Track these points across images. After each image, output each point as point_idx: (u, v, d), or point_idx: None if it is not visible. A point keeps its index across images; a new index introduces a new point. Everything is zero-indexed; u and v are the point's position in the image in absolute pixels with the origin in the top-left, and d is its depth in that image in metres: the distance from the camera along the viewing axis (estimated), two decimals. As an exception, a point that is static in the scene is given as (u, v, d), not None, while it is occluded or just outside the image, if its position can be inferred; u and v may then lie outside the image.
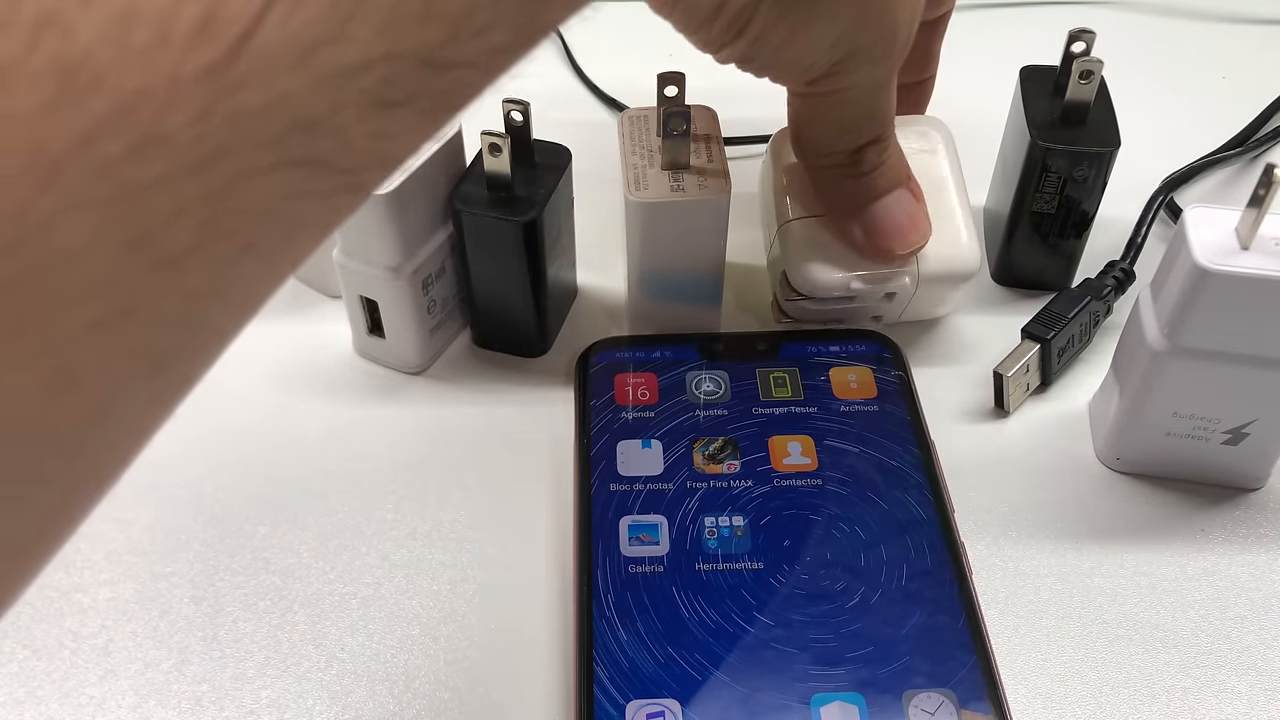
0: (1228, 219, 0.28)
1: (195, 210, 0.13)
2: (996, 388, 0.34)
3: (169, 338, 0.14)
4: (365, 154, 0.14)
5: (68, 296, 0.12)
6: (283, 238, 0.14)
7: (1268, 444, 0.31)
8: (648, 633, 0.27)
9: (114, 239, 0.12)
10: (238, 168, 0.13)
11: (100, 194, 0.12)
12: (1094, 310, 0.36)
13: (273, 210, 0.14)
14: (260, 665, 0.29)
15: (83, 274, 0.12)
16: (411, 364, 0.36)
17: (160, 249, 0.13)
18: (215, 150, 0.13)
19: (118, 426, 0.14)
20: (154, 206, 0.13)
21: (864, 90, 0.30)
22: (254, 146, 0.13)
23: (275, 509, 0.32)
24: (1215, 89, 0.49)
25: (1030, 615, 0.29)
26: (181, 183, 0.13)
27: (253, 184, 0.13)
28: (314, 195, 0.14)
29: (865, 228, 0.33)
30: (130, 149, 0.12)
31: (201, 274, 0.13)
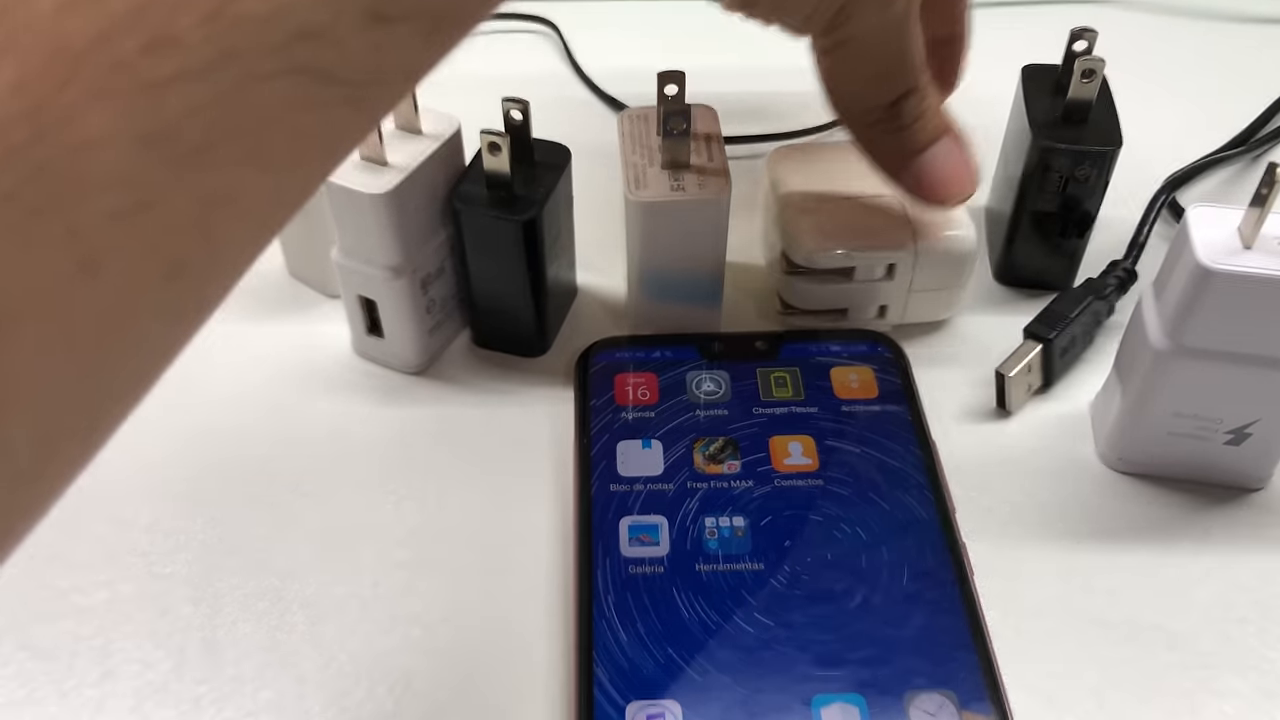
0: (1230, 218, 0.28)
1: (205, 111, 0.13)
2: (998, 388, 0.34)
3: (183, 241, 0.14)
4: (364, 67, 0.15)
5: (87, 185, 0.13)
6: (288, 149, 0.15)
7: (1270, 444, 0.31)
8: (648, 633, 0.27)
9: (130, 133, 0.13)
10: (244, 71, 0.14)
11: (116, 89, 0.13)
12: (1096, 310, 0.36)
13: (280, 118, 0.14)
14: (259, 666, 0.28)
15: (101, 164, 0.13)
16: (411, 364, 0.36)
17: (173, 146, 0.13)
18: (222, 53, 0.13)
19: (136, 331, 0.15)
20: (167, 104, 0.13)
21: (881, 34, 0.29)
22: (259, 51, 0.14)
23: (274, 509, 0.32)
24: (1216, 88, 0.49)
25: (1031, 616, 0.29)
26: (191, 83, 0.13)
27: (258, 89, 0.14)
28: (316, 105, 0.15)
29: (914, 181, 0.32)
30: (143, 47, 0.13)
31: (212, 176, 0.14)
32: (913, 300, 0.36)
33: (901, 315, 0.36)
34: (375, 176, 0.32)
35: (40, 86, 0.12)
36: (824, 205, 0.35)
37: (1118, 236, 0.39)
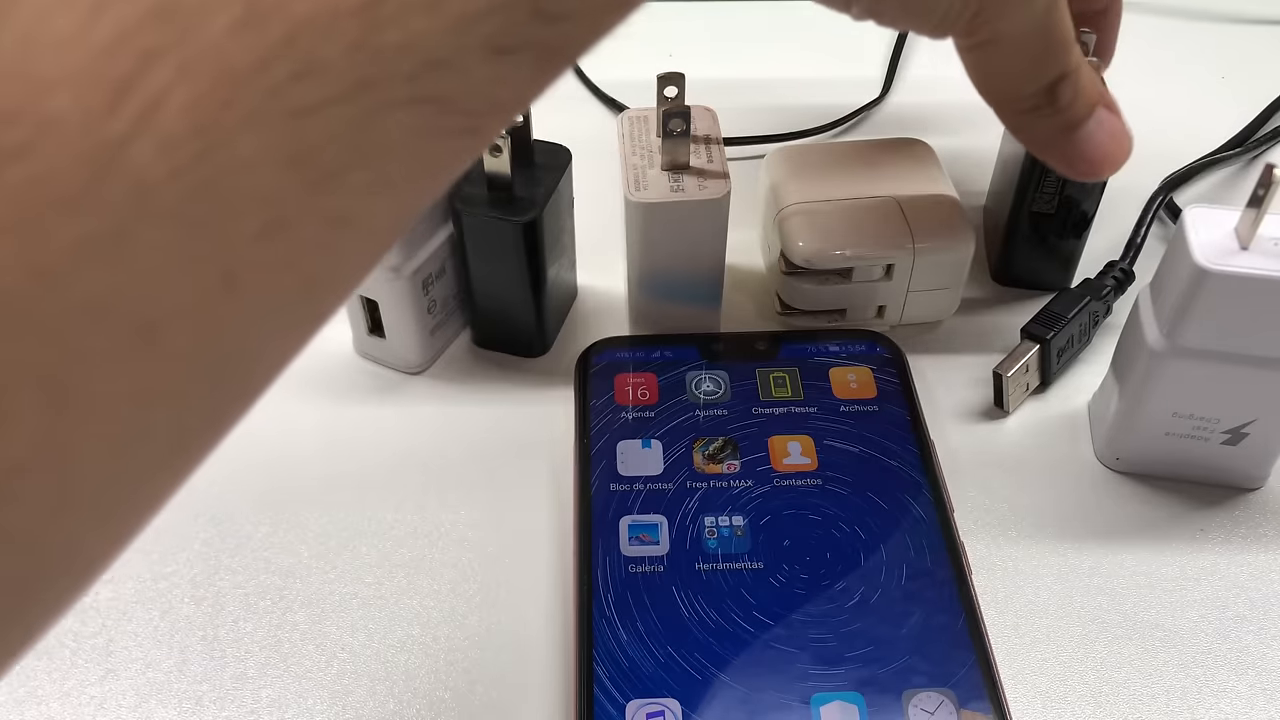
0: (1227, 219, 0.28)
1: (342, 136, 0.14)
2: (996, 388, 0.34)
3: (312, 260, 0.15)
4: (484, 97, 0.16)
5: (239, 205, 0.14)
6: (410, 174, 0.16)
7: (1267, 444, 0.31)
8: (648, 632, 0.27)
9: (278, 156, 0.14)
10: (379, 100, 0.14)
11: (270, 113, 0.13)
12: (1093, 310, 0.36)
13: (404, 144, 0.15)
14: (261, 665, 0.29)
15: (252, 185, 0.14)
16: (411, 364, 0.36)
17: (312, 170, 0.14)
18: (362, 81, 0.14)
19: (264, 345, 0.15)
20: (310, 129, 0.14)
21: (1029, 26, 0.28)
22: (393, 80, 0.14)
23: (275, 509, 0.32)
24: (1215, 89, 0.49)
25: (1030, 615, 0.30)
26: (332, 109, 0.14)
27: (390, 116, 0.15)
28: (439, 134, 0.15)
29: (1072, 158, 0.31)
30: (295, 73, 0.14)
31: (344, 199, 0.15)
32: (911, 300, 0.36)
33: (899, 315, 0.36)
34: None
35: (208, 108, 0.13)
36: (822, 206, 0.35)
37: (1115, 237, 0.39)
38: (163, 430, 0.14)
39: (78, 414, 0.13)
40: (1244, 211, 0.28)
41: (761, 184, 0.38)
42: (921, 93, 0.49)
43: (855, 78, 0.49)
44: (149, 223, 0.13)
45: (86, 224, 0.12)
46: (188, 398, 0.14)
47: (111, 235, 0.13)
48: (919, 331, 0.37)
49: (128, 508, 0.15)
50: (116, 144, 0.12)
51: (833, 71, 0.50)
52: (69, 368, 0.13)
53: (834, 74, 0.50)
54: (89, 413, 0.13)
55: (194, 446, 0.16)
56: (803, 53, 0.52)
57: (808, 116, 0.47)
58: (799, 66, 0.51)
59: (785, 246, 0.35)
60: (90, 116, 0.12)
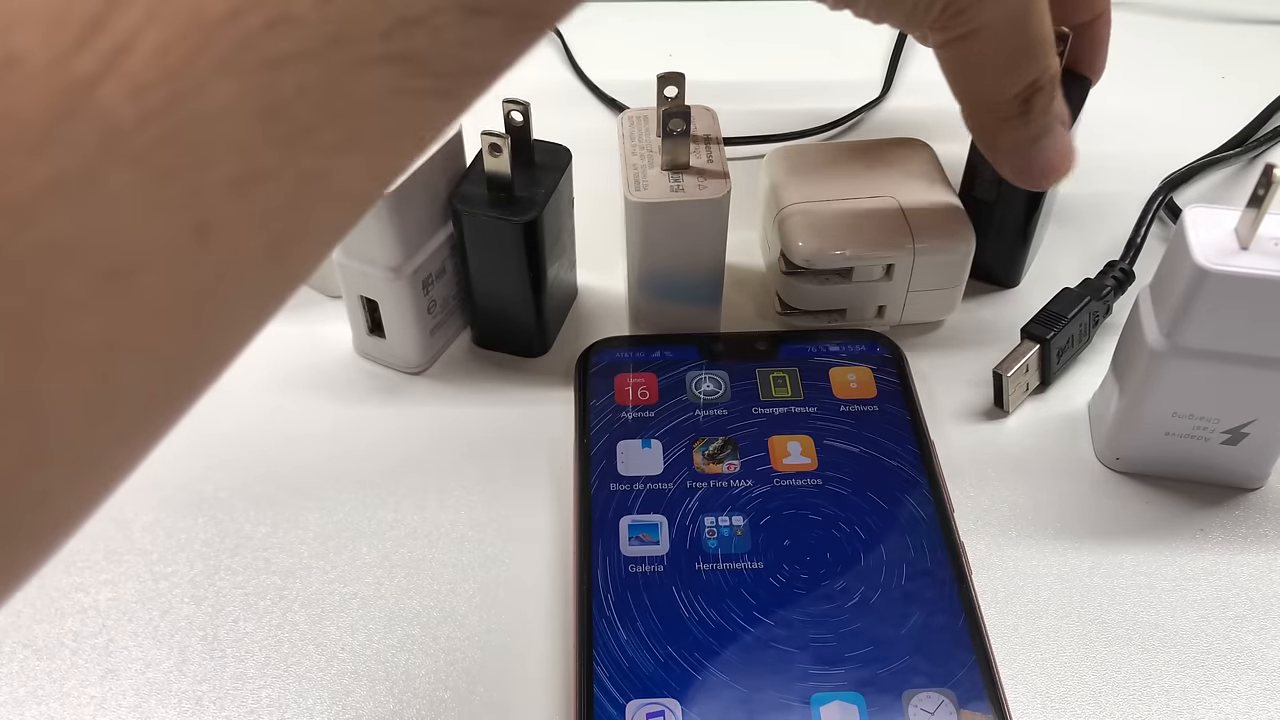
0: (1227, 219, 0.28)
1: (314, 91, 0.14)
2: (996, 388, 0.34)
3: (283, 218, 0.15)
4: (456, 60, 0.16)
5: (211, 154, 0.13)
6: (381, 135, 0.16)
7: (1267, 444, 0.31)
8: (648, 632, 0.27)
9: (250, 107, 0.14)
10: (351, 56, 0.14)
11: (242, 63, 0.13)
12: (1093, 310, 0.36)
13: (376, 103, 0.15)
14: (261, 665, 0.29)
15: (224, 135, 0.14)
16: (411, 364, 0.36)
17: (285, 123, 0.14)
18: (334, 36, 0.14)
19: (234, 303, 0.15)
20: (283, 82, 0.14)
21: (1005, 22, 0.27)
22: (366, 36, 0.14)
23: (275, 509, 0.32)
24: (1214, 89, 0.49)
25: (1030, 615, 0.30)
26: (305, 63, 0.14)
27: (362, 73, 0.15)
28: (411, 94, 0.15)
29: (1021, 167, 0.31)
30: (267, 24, 0.14)
31: (316, 155, 0.15)
32: (911, 300, 0.36)
33: (899, 315, 0.36)
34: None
35: (178, 53, 0.13)
36: (822, 206, 0.35)
37: (1115, 237, 0.39)
38: (133, 383, 0.14)
39: (46, 358, 0.13)
40: (1244, 211, 0.28)
41: (761, 184, 0.38)
42: (921, 93, 0.49)
43: (855, 78, 0.49)
44: (119, 166, 0.13)
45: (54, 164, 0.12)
46: (157, 351, 0.14)
47: (80, 177, 0.12)
48: (919, 331, 0.37)
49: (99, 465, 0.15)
50: (85, 84, 0.12)
51: (832, 72, 0.50)
52: (36, 310, 0.13)
53: (834, 74, 0.50)
54: (57, 358, 0.13)
55: (164, 405, 0.15)
56: (802, 53, 0.52)
57: (808, 117, 0.47)
58: (799, 66, 0.51)
59: (785, 246, 0.35)
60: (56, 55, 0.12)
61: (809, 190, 0.36)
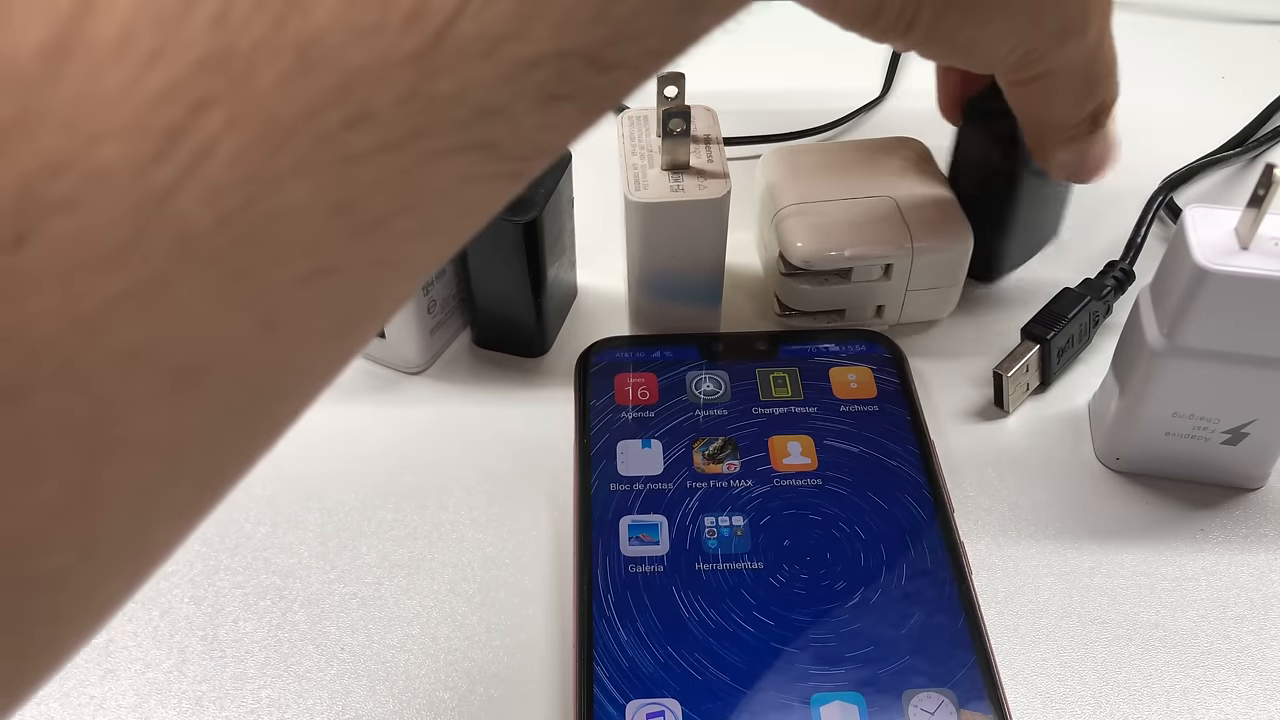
0: (1227, 219, 0.28)
1: (390, 184, 0.14)
2: (996, 387, 0.34)
3: (354, 302, 0.15)
4: (532, 143, 0.16)
5: (283, 252, 0.13)
6: (454, 218, 0.16)
7: (1267, 444, 0.31)
8: (648, 632, 0.27)
9: (325, 203, 0.13)
10: (429, 147, 0.14)
11: (319, 161, 0.13)
12: (1094, 310, 0.36)
13: (451, 190, 0.15)
14: (260, 665, 0.29)
15: (298, 233, 0.13)
16: (411, 364, 0.36)
17: (360, 217, 0.14)
18: (413, 130, 0.14)
19: (298, 383, 0.15)
20: (359, 177, 0.14)
21: (1080, 61, 0.28)
22: (444, 128, 0.14)
23: (275, 509, 0.32)
24: (1214, 89, 0.49)
25: (1030, 615, 0.30)
26: (382, 157, 0.14)
27: (439, 163, 0.14)
28: (485, 179, 0.15)
29: (1071, 171, 0.32)
30: (346, 122, 0.13)
31: (388, 244, 0.15)
32: (909, 300, 0.36)
33: (898, 315, 0.36)
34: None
35: (255, 156, 0.13)
36: (820, 207, 0.35)
37: (1115, 237, 0.39)
38: (194, 472, 0.14)
39: (110, 462, 0.13)
40: (1244, 211, 0.28)
41: (757, 185, 0.38)
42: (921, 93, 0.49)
43: (855, 78, 0.49)
44: (191, 270, 0.13)
45: (129, 274, 0.12)
46: (221, 439, 0.14)
47: (153, 284, 0.12)
48: (919, 331, 0.37)
49: (152, 548, 0.15)
50: (162, 193, 0.12)
51: (832, 72, 0.50)
52: (104, 416, 0.13)
53: (834, 74, 0.50)
54: (122, 460, 0.13)
55: (221, 484, 0.16)
56: (802, 53, 0.52)
57: (807, 117, 0.47)
58: (799, 66, 0.51)
59: (784, 248, 0.35)
60: (138, 167, 0.12)
61: (806, 191, 0.36)
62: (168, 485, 0.14)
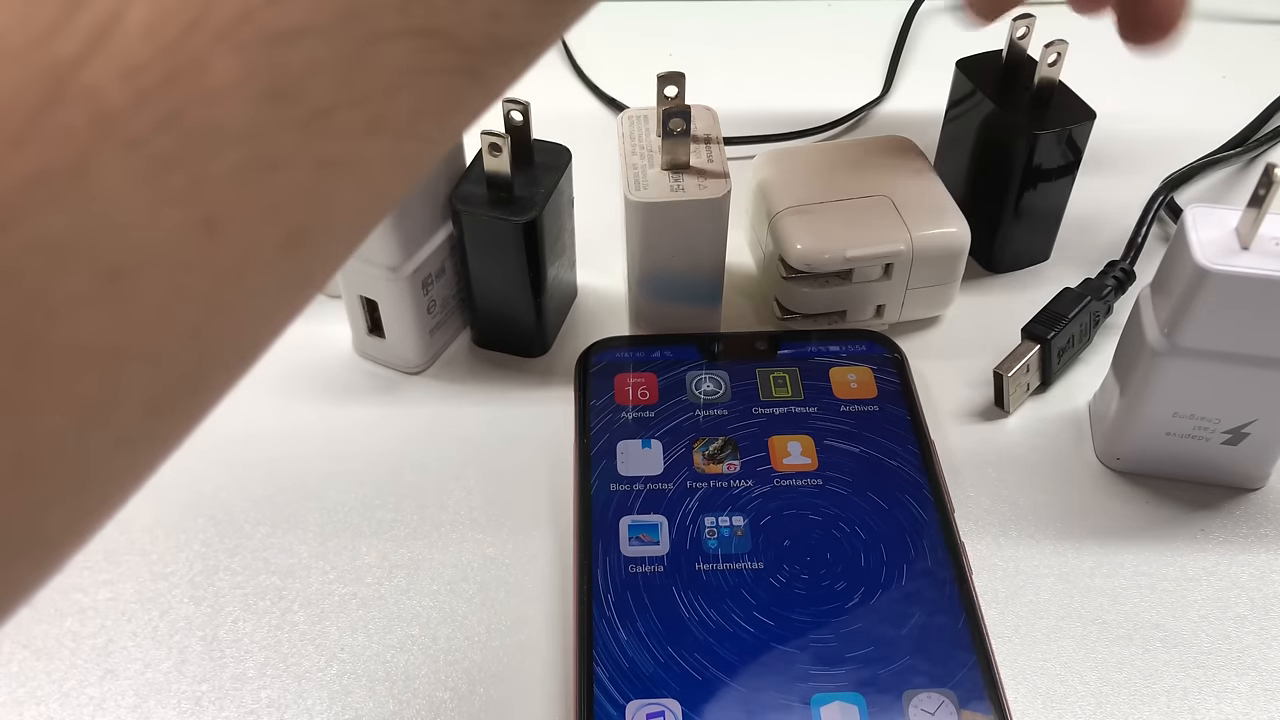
0: (1228, 219, 0.28)
1: (329, 70, 0.13)
2: (996, 388, 0.34)
3: (300, 208, 0.14)
4: (481, 33, 0.15)
5: (214, 139, 0.12)
6: (407, 117, 0.15)
7: (1268, 444, 0.31)
8: (648, 633, 0.27)
9: (256, 86, 0.13)
10: (367, 30, 0.13)
11: (244, 36, 0.12)
12: (1094, 310, 0.36)
13: (399, 82, 0.14)
14: (260, 665, 0.29)
15: (228, 117, 0.13)
16: (411, 364, 0.36)
17: (297, 105, 0.13)
18: (346, 9, 0.13)
19: (250, 298, 0.14)
20: (291, 59, 0.13)
21: None
22: (381, 9, 0.13)
23: (275, 509, 0.32)
24: (1215, 89, 0.49)
25: (1030, 615, 0.30)
26: (315, 38, 0.13)
27: (381, 50, 0.14)
28: (434, 71, 0.14)
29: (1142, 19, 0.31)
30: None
31: (334, 141, 0.14)
32: (909, 298, 0.36)
33: (899, 313, 0.36)
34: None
35: (171, 29, 0.12)
36: (818, 208, 0.35)
37: (1116, 237, 0.39)
38: (137, 393, 0.13)
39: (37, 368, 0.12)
40: (1244, 211, 0.28)
41: (749, 187, 0.38)
42: (922, 93, 0.49)
43: (855, 77, 0.49)
44: (112, 155, 0.12)
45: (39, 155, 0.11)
46: (164, 357, 0.13)
47: (70, 168, 0.12)
48: (919, 331, 0.37)
49: (100, 481, 0.14)
50: (68, 66, 0.11)
51: (833, 71, 0.50)
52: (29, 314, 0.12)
53: (834, 74, 0.50)
54: (50, 367, 0.12)
55: (173, 416, 0.14)
56: (803, 52, 0.52)
57: (808, 116, 0.47)
58: (799, 66, 0.51)
59: (783, 251, 0.35)
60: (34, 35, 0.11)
61: (801, 193, 0.36)
62: (107, 407, 0.13)
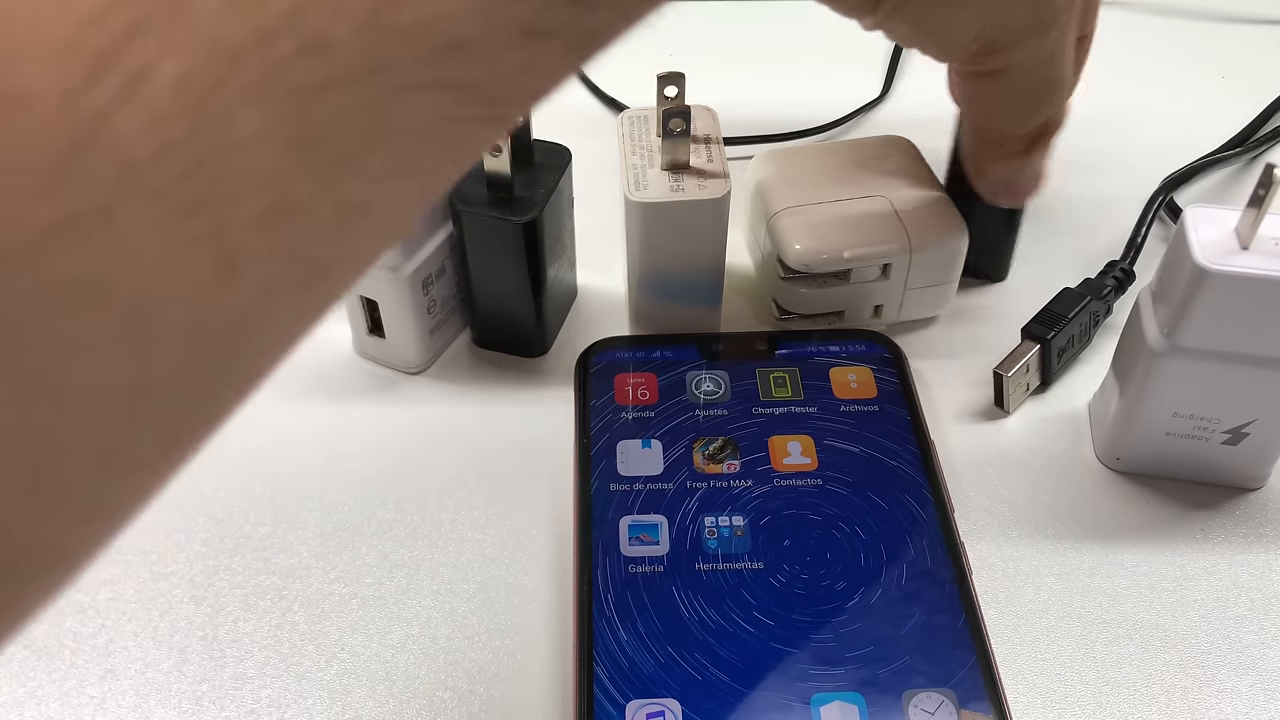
0: (1228, 219, 0.28)
1: (354, 118, 0.13)
2: (996, 388, 0.34)
3: (322, 248, 0.14)
4: (511, 85, 0.15)
5: (237, 187, 0.13)
6: (431, 160, 0.15)
7: (1267, 444, 0.31)
8: (648, 633, 0.27)
9: (281, 136, 0.13)
10: (394, 82, 0.14)
11: (271, 90, 0.13)
12: (1094, 310, 0.36)
13: (424, 131, 0.14)
14: (260, 665, 0.29)
15: (252, 166, 0.13)
16: (411, 364, 0.36)
17: (322, 153, 0.13)
18: (374, 62, 0.13)
19: (266, 334, 0.15)
20: (318, 110, 0.13)
21: (1034, 65, 0.28)
22: (409, 62, 0.14)
23: (275, 509, 0.32)
24: (1215, 89, 0.49)
25: (1030, 615, 0.30)
26: (343, 90, 0.13)
27: (407, 100, 0.14)
28: (462, 121, 0.15)
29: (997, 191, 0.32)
30: (299, 50, 0.13)
31: (358, 185, 0.14)
32: (907, 298, 0.36)
33: (896, 314, 0.36)
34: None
35: (199, 84, 0.12)
36: (815, 209, 0.35)
37: (1116, 237, 0.39)
38: (154, 426, 0.14)
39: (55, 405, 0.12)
40: (1244, 211, 0.28)
41: (747, 188, 0.38)
42: (922, 92, 0.49)
43: (855, 78, 0.49)
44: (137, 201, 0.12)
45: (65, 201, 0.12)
46: (183, 391, 0.14)
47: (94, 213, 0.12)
48: (919, 331, 0.37)
49: (114, 506, 0.14)
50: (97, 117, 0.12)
51: (832, 72, 0.50)
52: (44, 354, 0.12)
53: (834, 74, 0.50)
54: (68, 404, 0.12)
55: (186, 441, 0.15)
56: (803, 53, 0.52)
57: (807, 117, 0.47)
58: (799, 66, 0.51)
59: (782, 251, 0.35)
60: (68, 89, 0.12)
61: (799, 193, 0.36)
62: (125, 440, 0.13)
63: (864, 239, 0.34)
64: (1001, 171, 0.31)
